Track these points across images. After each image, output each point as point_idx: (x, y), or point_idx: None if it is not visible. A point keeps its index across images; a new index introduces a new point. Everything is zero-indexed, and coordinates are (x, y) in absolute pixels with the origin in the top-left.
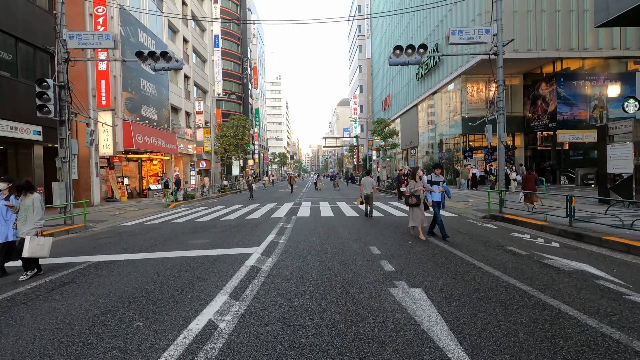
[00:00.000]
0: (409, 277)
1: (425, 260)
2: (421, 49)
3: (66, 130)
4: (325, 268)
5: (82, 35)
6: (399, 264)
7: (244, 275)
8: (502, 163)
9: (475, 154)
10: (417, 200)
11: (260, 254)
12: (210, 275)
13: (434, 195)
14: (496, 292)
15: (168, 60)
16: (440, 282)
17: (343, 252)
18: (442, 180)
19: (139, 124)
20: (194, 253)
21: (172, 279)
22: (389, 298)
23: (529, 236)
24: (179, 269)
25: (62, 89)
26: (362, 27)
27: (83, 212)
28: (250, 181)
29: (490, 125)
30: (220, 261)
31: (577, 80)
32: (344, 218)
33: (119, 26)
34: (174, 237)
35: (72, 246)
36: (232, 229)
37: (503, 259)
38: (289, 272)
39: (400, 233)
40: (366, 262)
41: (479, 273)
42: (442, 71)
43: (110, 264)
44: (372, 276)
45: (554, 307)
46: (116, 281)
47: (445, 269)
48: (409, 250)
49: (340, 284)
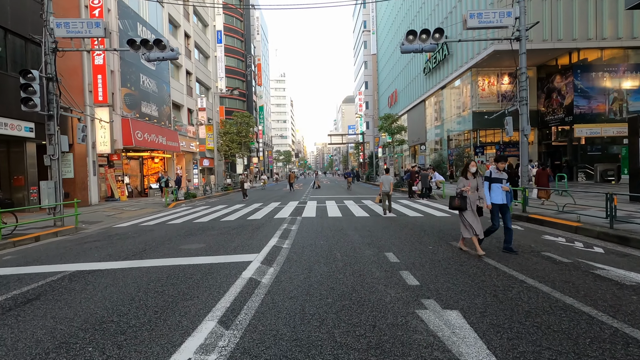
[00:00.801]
0: (439, 295)
1: (454, 270)
2: (437, 34)
3: (54, 126)
4: (336, 281)
5: (71, 24)
6: (423, 276)
7: (240, 291)
8: (526, 158)
9: (486, 150)
10: (461, 203)
11: (260, 262)
12: (200, 291)
13: (493, 195)
14: (554, 317)
15: (162, 49)
16: (479, 302)
17: (355, 260)
18: (505, 177)
19: (138, 120)
20: (185, 261)
21: (153, 297)
22: (420, 326)
23: (564, 239)
24: (165, 281)
25: (49, 81)
26: (367, 22)
27: (75, 212)
28: (243, 180)
29: (511, 118)
30: (213, 272)
31: (595, 72)
32: (353, 218)
33: (116, 19)
34: (167, 241)
35: (55, 251)
36: (232, 232)
37: (545, 268)
38: (293, 287)
39: (416, 236)
40: (384, 272)
41: (523, 288)
42: (451, 65)
43: (89, 274)
44: (394, 292)
45: (638, 340)
46: (87, 299)
47: (481, 283)
48: (432, 258)
49: (356, 304)
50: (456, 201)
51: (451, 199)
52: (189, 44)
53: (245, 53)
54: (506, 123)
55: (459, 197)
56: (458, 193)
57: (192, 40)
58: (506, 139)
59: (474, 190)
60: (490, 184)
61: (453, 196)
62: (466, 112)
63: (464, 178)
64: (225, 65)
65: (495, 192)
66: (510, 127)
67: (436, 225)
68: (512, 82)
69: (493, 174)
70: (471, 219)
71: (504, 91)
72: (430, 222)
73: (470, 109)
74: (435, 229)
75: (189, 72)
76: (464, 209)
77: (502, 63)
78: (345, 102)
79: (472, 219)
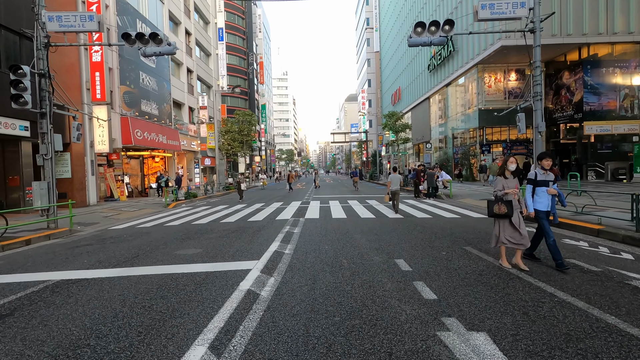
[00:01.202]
0: (461, 312)
1: (473, 281)
2: (446, 26)
3: (47, 124)
4: (344, 294)
5: (63, 17)
6: (440, 288)
7: (236, 306)
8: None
9: (493, 148)
10: (508, 209)
11: (260, 270)
12: (192, 306)
13: (537, 201)
14: (600, 341)
15: (159, 43)
16: (509, 322)
17: (364, 268)
18: (551, 179)
19: (138, 119)
20: (179, 269)
21: (139, 313)
22: (444, 353)
23: (586, 244)
24: (154, 294)
25: (42, 78)
26: (370, 19)
27: (69, 214)
28: (240, 180)
29: (524, 114)
30: (208, 282)
31: (605, 68)
32: (359, 220)
33: (115, 15)
34: (162, 246)
35: (44, 256)
36: (231, 235)
37: (574, 279)
38: (296, 302)
39: (427, 239)
40: (396, 284)
41: (554, 304)
42: (456, 61)
43: (74, 284)
44: (410, 309)
45: None
46: (66, 315)
47: (506, 297)
48: (447, 266)
49: (368, 323)
50: (498, 207)
51: (490, 203)
52: (189, 41)
53: (247, 51)
54: (518, 120)
55: (502, 201)
56: (499, 197)
57: (193, 37)
58: (513, 136)
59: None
60: (534, 188)
61: (491, 200)
62: (472, 109)
63: (503, 178)
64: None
65: (541, 197)
66: (522, 123)
67: (446, 227)
68: (519, 79)
69: (539, 176)
70: (513, 229)
71: (511, 88)
72: (440, 224)
73: (477, 107)
74: (446, 231)
75: (190, 70)
76: (511, 216)
77: (509, 59)
78: (348, 101)
79: (513, 229)
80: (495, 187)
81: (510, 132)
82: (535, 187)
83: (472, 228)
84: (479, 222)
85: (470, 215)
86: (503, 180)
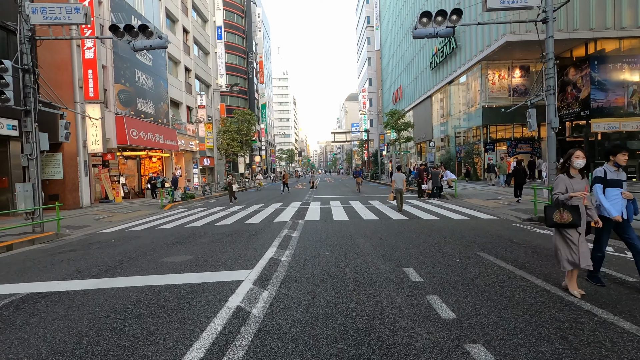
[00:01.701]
0: (487, 336)
1: (494, 295)
2: (454, 16)
3: (32, 122)
4: (347, 313)
5: (48, 9)
6: (459, 304)
7: (221, 329)
8: (554, 155)
9: (497, 147)
10: (573, 217)
11: (252, 282)
12: (170, 328)
13: (609, 206)
14: None
15: (149, 36)
16: (547, 350)
17: (369, 279)
18: (624, 178)
19: (133, 118)
20: (163, 279)
21: (107, 337)
22: None
23: (612, 249)
24: (130, 311)
25: (26, 73)
26: (370, 17)
27: (56, 217)
28: (231, 181)
29: (535, 109)
30: (193, 296)
31: (613, 64)
32: (362, 222)
33: (109, 12)
34: (150, 252)
35: (21, 264)
36: (225, 239)
37: (610, 292)
38: (292, 323)
39: (436, 244)
40: (407, 298)
41: (597, 325)
42: (459, 58)
43: (43, 299)
44: (426, 333)
45: None
46: (22, 340)
47: (537, 316)
48: (462, 276)
49: (377, 353)
50: (561, 215)
51: (548, 210)
52: (187, 39)
53: (247, 50)
54: (529, 116)
55: (567, 207)
56: (562, 201)
57: (191, 35)
58: (517, 135)
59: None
60: (605, 188)
61: (550, 206)
62: (475, 107)
63: (567, 176)
64: (226, 62)
65: (612, 201)
66: (533, 119)
67: (456, 230)
68: (524, 76)
69: (609, 174)
70: (581, 241)
71: (515, 85)
72: (449, 227)
73: (480, 104)
74: (456, 234)
75: (188, 69)
76: (578, 225)
77: (513, 55)
78: (348, 100)
79: (582, 241)
80: (556, 188)
81: (515, 130)
82: (606, 187)
83: (483, 231)
84: (490, 224)
85: (479, 216)
86: (566, 179)
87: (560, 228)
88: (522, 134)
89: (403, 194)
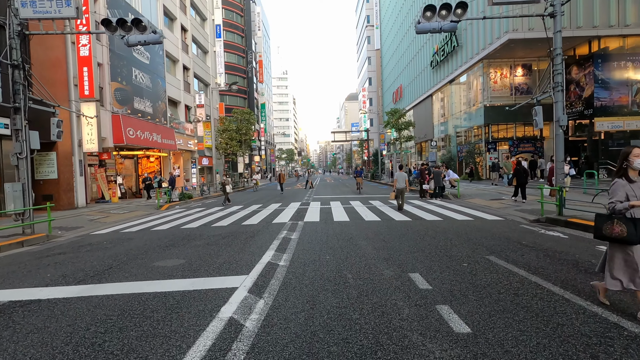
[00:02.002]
0: (507, 354)
1: (510, 304)
2: (459, 9)
3: (22, 120)
4: (350, 325)
5: (37, 2)
6: (472, 316)
7: (211, 345)
8: (562, 153)
9: (499, 146)
10: (629, 232)
11: (247, 289)
12: (154, 344)
13: None
14: None
15: (142, 30)
16: None
17: (373, 286)
18: None
19: (130, 117)
20: (152, 286)
21: (83, 356)
22: None
23: None
24: (113, 323)
25: (15, 69)
26: (370, 16)
27: (48, 218)
28: (225, 182)
29: (541, 107)
30: (183, 306)
31: (616, 62)
32: (363, 223)
33: (105, 8)
34: (142, 255)
35: (5, 269)
36: (221, 242)
37: (635, 300)
38: (289, 339)
39: (442, 247)
40: (415, 308)
41: (628, 341)
42: (461, 57)
43: (21, 308)
44: (439, 350)
45: None
46: None
47: (560, 330)
48: (473, 282)
49: None
50: (612, 227)
51: (599, 219)
52: (186, 38)
53: (246, 49)
54: (535, 113)
55: (623, 219)
56: (618, 211)
57: (190, 34)
58: (519, 134)
59: None
60: None
61: (602, 215)
62: (476, 106)
63: (626, 181)
64: (225, 62)
65: None
66: (540, 117)
67: (461, 231)
68: (526, 74)
69: None
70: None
71: (517, 84)
72: (454, 228)
73: (482, 103)
74: (462, 237)
75: (187, 67)
76: (634, 244)
77: (515, 54)
78: (348, 100)
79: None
80: (613, 195)
81: (517, 129)
82: None
83: (489, 233)
84: (496, 226)
85: (483, 217)
86: (626, 185)
87: (613, 242)
88: (525, 133)
89: (405, 193)
